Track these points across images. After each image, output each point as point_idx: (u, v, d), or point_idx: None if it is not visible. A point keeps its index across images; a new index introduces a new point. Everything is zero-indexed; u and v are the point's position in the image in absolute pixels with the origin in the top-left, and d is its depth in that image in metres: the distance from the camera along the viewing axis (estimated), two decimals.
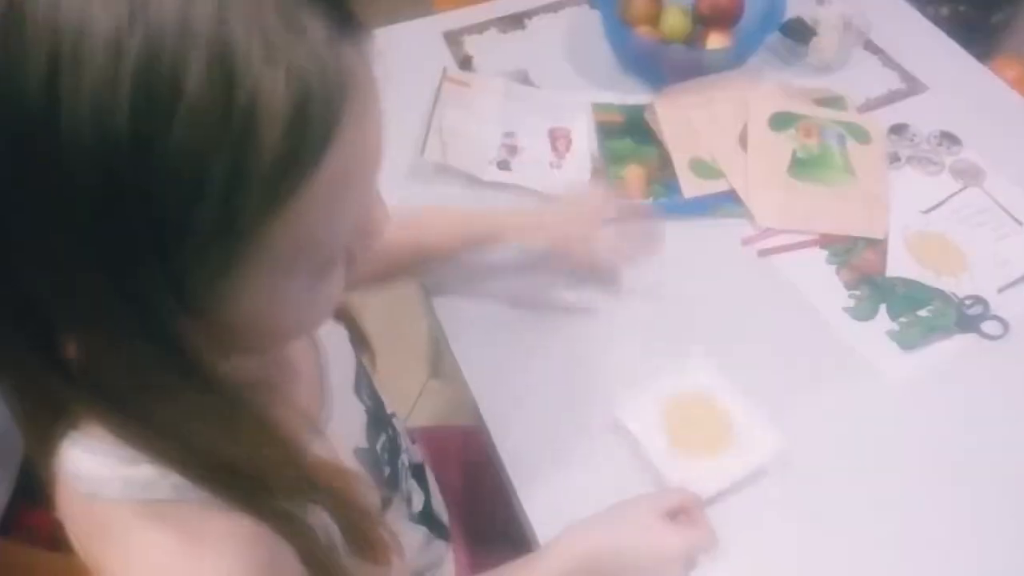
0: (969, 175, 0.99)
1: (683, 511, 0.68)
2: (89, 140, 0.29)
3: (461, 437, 0.98)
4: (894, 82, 1.09)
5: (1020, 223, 0.94)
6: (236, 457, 0.43)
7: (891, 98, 1.07)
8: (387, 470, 0.68)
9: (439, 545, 0.76)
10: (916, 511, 0.72)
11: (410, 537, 0.72)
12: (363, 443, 0.64)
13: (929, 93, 1.08)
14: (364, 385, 0.67)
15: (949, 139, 1.02)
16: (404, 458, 0.73)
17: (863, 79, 1.09)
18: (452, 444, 0.97)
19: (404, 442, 0.75)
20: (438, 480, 0.86)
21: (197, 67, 0.29)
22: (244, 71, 0.30)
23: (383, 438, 0.68)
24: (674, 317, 0.83)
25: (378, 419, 0.68)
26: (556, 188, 0.94)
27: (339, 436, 0.60)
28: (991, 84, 1.10)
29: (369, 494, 0.59)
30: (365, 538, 0.52)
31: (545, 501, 0.72)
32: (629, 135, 0.99)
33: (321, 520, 0.50)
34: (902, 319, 0.84)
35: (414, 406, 1.65)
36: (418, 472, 0.77)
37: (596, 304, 0.85)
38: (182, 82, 0.29)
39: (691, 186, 0.94)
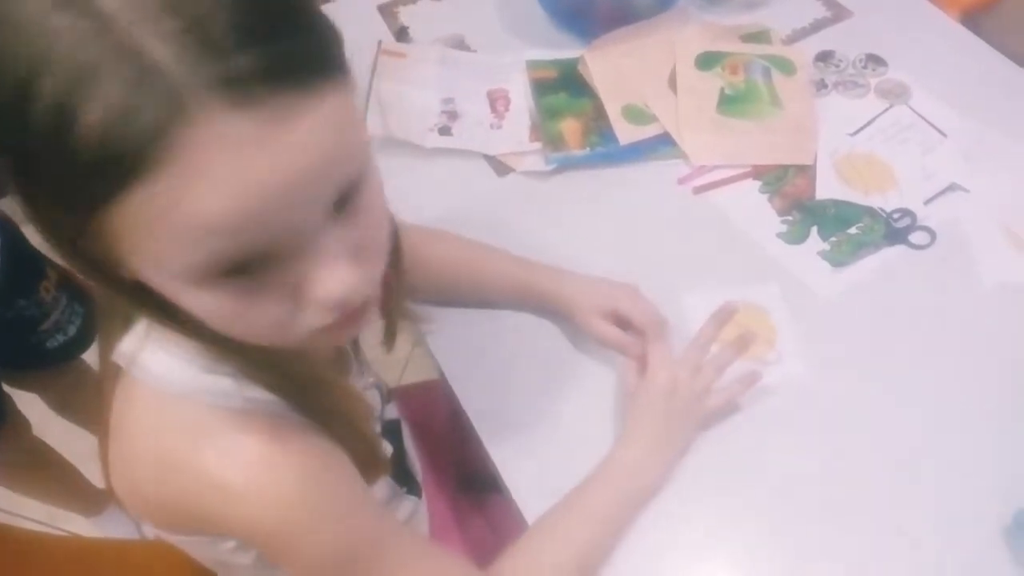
0: (895, 94, 1.02)
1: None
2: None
3: (449, 390, 1.02)
4: (819, 11, 1.12)
5: (945, 135, 0.98)
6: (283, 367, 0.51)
7: (817, 27, 1.10)
8: None
9: (410, 500, 0.81)
10: (859, 413, 0.77)
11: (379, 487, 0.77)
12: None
13: (854, 19, 1.11)
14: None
15: (874, 61, 1.05)
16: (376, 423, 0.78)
17: (789, 11, 1.11)
18: (439, 397, 1.01)
19: (379, 406, 0.79)
20: (423, 432, 0.90)
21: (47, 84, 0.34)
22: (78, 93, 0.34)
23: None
24: (618, 260, 0.87)
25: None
26: (498, 149, 0.97)
27: None
28: (914, 3, 1.13)
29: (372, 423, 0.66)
30: (367, 458, 0.60)
31: (513, 448, 0.76)
32: (564, 89, 1.02)
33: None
34: (832, 239, 0.88)
35: (402, 373, 1.70)
36: (392, 428, 0.82)
37: (547, 256, 0.88)
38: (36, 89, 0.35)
39: (626, 133, 0.97)
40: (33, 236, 1.20)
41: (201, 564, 0.86)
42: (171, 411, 0.51)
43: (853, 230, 0.89)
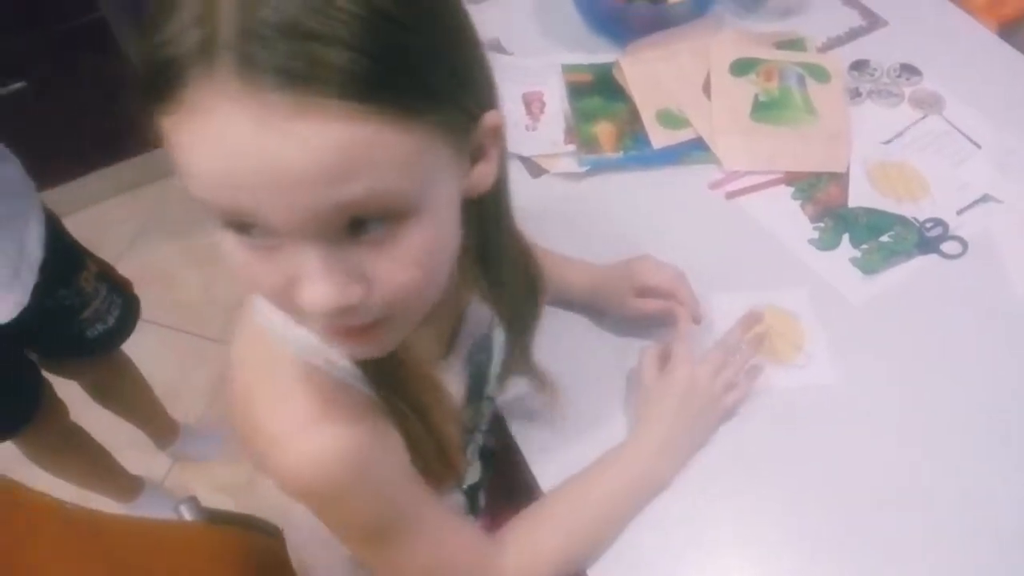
0: (928, 104, 1.02)
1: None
2: None
3: None
4: (854, 20, 1.12)
5: (979, 146, 0.98)
6: None
7: (852, 35, 1.10)
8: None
9: (469, 519, 0.81)
10: (886, 420, 0.77)
11: (450, 500, 0.76)
12: (458, 404, 0.69)
13: (889, 28, 1.12)
14: (475, 358, 0.70)
15: (909, 70, 1.05)
16: (478, 435, 0.78)
17: (824, 20, 1.12)
18: None
19: (484, 423, 0.78)
20: None
21: None
22: None
23: (469, 411, 0.73)
24: None
25: (473, 393, 0.72)
26: (532, 150, 0.99)
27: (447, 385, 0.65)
28: (950, 14, 1.13)
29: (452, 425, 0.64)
30: (436, 457, 0.60)
31: (550, 455, 0.78)
32: (598, 93, 1.04)
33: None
34: (864, 246, 0.89)
35: None
36: (486, 454, 0.81)
37: (579, 257, 0.89)
38: None
39: (659, 137, 0.98)
40: (73, 229, 1.24)
41: (238, 548, 0.88)
42: (260, 348, 0.54)
43: (885, 238, 0.89)
